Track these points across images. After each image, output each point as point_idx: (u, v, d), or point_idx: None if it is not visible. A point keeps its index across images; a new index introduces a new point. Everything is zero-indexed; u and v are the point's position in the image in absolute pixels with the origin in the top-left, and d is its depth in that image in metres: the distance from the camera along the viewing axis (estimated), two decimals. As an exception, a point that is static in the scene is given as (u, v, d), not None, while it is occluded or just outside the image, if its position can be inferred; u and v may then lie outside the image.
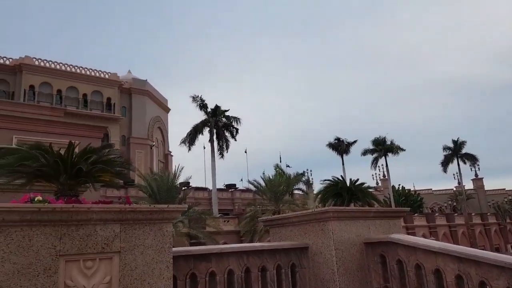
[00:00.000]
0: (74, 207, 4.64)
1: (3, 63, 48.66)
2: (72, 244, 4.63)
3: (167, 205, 5.35)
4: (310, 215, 7.52)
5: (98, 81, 53.94)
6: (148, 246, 5.12)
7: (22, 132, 25.74)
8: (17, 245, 4.36)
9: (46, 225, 4.53)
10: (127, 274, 4.88)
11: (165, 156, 62.38)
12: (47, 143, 6.14)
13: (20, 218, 4.36)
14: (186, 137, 35.16)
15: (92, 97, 53.13)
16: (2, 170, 5.41)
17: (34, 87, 49.25)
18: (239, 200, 51.21)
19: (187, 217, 20.65)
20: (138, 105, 57.15)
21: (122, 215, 4.97)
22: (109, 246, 4.84)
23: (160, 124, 61.68)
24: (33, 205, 4.43)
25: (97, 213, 4.78)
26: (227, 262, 6.52)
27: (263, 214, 26.06)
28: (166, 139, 63.54)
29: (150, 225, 5.21)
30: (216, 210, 33.53)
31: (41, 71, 50.03)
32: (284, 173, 30.76)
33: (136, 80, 59.00)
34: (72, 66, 52.89)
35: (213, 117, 34.90)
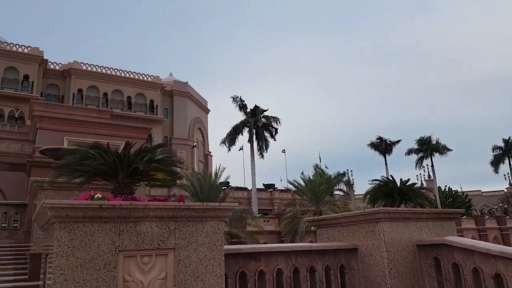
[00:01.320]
0: (132, 204, 4.79)
1: (54, 68, 51.41)
2: (130, 240, 4.79)
3: (218, 203, 5.42)
4: (360, 216, 7.36)
5: (142, 84, 55.74)
6: (201, 243, 5.20)
7: (72, 134, 27.14)
8: (79, 240, 4.56)
9: (106, 221, 4.71)
10: (182, 271, 4.98)
11: (205, 156, 63.44)
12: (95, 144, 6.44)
13: (83, 214, 4.56)
14: (226, 138, 35.57)
15: (136, 100, 54.97)
16: (63, 169, 5.70)
17: (82, 90, 51.66)
18: (278, 200, 51.14)
19: (228, 216, 20.94)
20: (179, 107, 58.50)
21: (176, 212, 5.08)
22: (165, 243, 4.96)
23: (200, 125, 62.82)
24: (94, 202, 4.62)
25: (153, 210, 4.92)
26: (276, 261, 6.51)
27: (303, 215, 25.85)
28: (206, 140, 64.62)
29: (202, 222, 5.30)
30: (256, 209, 33.66)
31: (89, 75, 52.40)
32: (324, 173, 30.35)
33: (177, 83, 60.41)
34: (117, 70, 55.00)
35: (252, 117, 35.09)
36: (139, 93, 55.29)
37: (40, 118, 27.24)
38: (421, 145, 49.37)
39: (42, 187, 8.53)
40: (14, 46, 48.11)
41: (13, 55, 46.97)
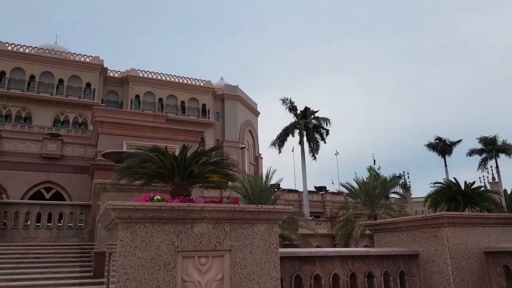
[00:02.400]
0: (189, 206, 4.89)
1: (113, 76, 54.43)
2: (188, 241, 4.89)
3: (273, 206, 5.39)
4: (421, 220, 7.00)
5: (194, 89, 57.45)
6: (256, 245, 5.20)
7: (131, 138, 28.50)
8: (141, 241, 4.72)
9: (166, 222, 4.85)
10: (238, 272, 5.00)
11: (255, 158, 63.95)
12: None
13: (144, 215, 4.73)
14: (276, 140, 35.56)
15: (189, 104, 56.73)
16: (125, 171, 5.98)
17: (139, 96, 54.20)
18: (330, 203, 50.26)
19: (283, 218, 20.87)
20: (230, 110, 59.52)
21: (231, 214, 5.12)
22: (221, 244, 5.02)
23: (250, 127, 63.47)
24: (154, 204, 4.78)
25: (209, 212, 4.99)
26: (332, 266, 6.35)
27: (357, 218, 25.17)
28: (256, 142, 65.15)
29: (257, 225, 5.29)
30: (307, 212, 33.30)
31: (145, 82, 54.89)
32: (379, 176, 29.35)
33: (228, 86, 61.50)
34: (171, 76, 57.12)
35: (302, 119, 34.78)
36: (192, 97, 56.99)
37: (101, 123, 28.90)
38: (485, 145, 46.21)
39: (105, 188, 9.01)
40: (77, 56, 51.54)
41: (76, 65, 50.34)
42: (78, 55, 51.64)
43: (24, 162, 27.57)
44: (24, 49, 48.65)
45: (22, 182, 26.33)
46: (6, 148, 27.66)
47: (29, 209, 14.38)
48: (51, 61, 48.87)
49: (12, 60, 46.94)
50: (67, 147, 29.48)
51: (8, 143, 28.01)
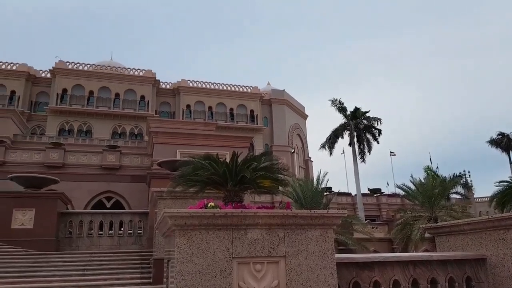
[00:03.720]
0: (242, 212, 4.90)
1: (165, 87, 56.63)
2: (242, 247, 4.90)
3: (327, 211, 5.27)
4: (487, 222, 6.52)
5: (242, 96, 58.31)
6: (311, 251, 5.10)
7: (184, 146, 29.41)
8: (197, 247, 4.80)
9: (220, 229, 4.89)
10: (293, 279, 4.93)
11: (305, 162, 63.39)
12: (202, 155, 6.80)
13: (199, 222, 4.80)
14: (326, 142, 34.99)
15: (238, 111, 57.61)
16: (180, 179, 6.14)
17: (190, 106, 55.91)
18: (385, 206, 48.50)
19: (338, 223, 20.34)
20: (278, 115, 59.62)
21: (285, 220, 5.06)
22: (275, 250, 4.98)
23: (299, 131, 63.09)
24: (208, 211, 4.84)
25: (262, 218, 4.97)
26: (392, 272, 6.08)
27: (415, 221, 24.00)
28: (305, 145, 64.61)
29: (311, 230, 5.19)
30: (362, 215, 32.36)
31: (195, 91, 56.57)
32: (438, 175, 27.84)
33: (275, 91, 61.68)
34: (220, 84, 58.41)
35: (352, 120, 33.97)
36: (240, 104, 57.81)
37: (156, 133, 30.12)
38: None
39: (161, 196, 9.32)
40: (131, 70, 54.22)
41: (131, 79, 53.00)
42: (132, 69, 54.34)
43: (86, 173, 29.34)
44: (83, 67, 52.00)
45: (85, 192, 28.00)
46: (70, 161, 29.61)
47: (92, 218, 15.25)
48: (108, 77, 51.83)
49: (72, 77, 50.36)
50: (125, 158, 30.99)
51: (72, 156, 29.97)
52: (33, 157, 28.95)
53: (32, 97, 50.45)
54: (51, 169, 27.97)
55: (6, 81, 48.76)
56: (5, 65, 49.84)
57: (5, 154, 28.13)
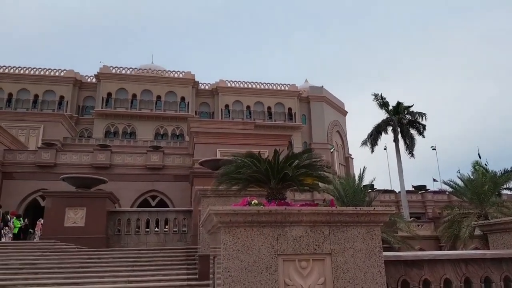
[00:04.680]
0: (286, 209, 4.91)
1: (204, 88, 57.67)
2: (287, 244, 4.90)
3: (373, 208, 5.17)
4: (546, 218, 6.13)
5: (280, 94, 58.24)
6: (357, 249, 5.02)
7: (223, 146, 29.85)
8: (242, 244, 4.86)
9: (264, 226, 4.92)
10: (340, 277, 4.87)
11: (345, 159, 62.33)
12: (242, 154, 6.86)
13: (244, 219, 4.85)
14: (367, 138, 34.16)
15: (276, 109, 57.61)
16: (223, 178, 6.24)
17: (229, 105, 56.60)
18: (431, 203, 46.74)
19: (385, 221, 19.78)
20: (316, 112, 59.01)
21: (329, 217, 5.01)
22: (320, 248, 4.94)
23: (338, 127, 62.12)
24: (253, 208, 4.88)
25: (307, 215, 4.95)
26: (442, 270, 5.86)
27: (464, 218, 22.96)
28: (345, 142, 63.52)
29: (357, 227, 5.11)
30: (406, 213, 31.35)
31: (233, 91, 57.21)
32: (487, 171, 26.44)
33: (313, 88, 61.08)
34: (257, 83, 58.65)
35: (395, 115, 32.93)
36: (278, 102, 57.78)
37: (196, 133, 30.78)
38: None
39: (205, 195, 9.51)
40: (172, 73, 55.69)
41: (171, 81, 54.47)
42: (172, 72, 55.82)
43: (132, 174, 30.48)
44: (126, 71, 54.00)
45: (131, 192, 29.09)
46: (116, 162, 30.86)
47: (139, 216, 15.83)
48: (150, 80, 53.56)
49: (116, 81, 52.46)
50: (167, 158, 31.90)
51: (118, 157, 31.23)
52: (82, 158, 30.43)
53: (79, 102, 53.02)
54: (98, 170, 29.28)
55: (55, 87, 51.57)
56: (54, 71, 52.66)
57: (56, 156, 29.75)
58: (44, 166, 29.06)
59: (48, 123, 37.33)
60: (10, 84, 50.46)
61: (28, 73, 51.79)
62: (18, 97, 50.55)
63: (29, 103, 50.46)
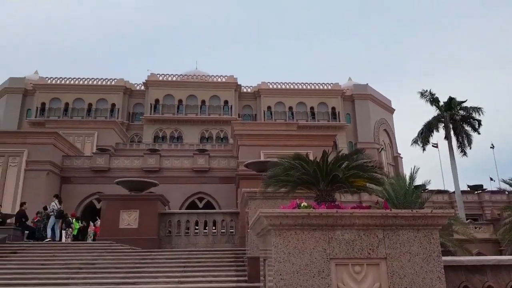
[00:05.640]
0: (338, 212, 4.80)
1: (246, 91, 58.20)
2: (339, 248, 4.79)
3: (430, 210, 4.94)
4: None
5: (322, 93, 57.43)
6: (414, 253, 4.81)
7: (267, 147, 29.91)
8: (293, 247, 4.81)
9: (315, 229, 4.84)
10: (396, 282, 4.69)
11: (394, 158, 60.21)
12: (286, 155, 6.78)
13: (294, 222, 4.81)
14: (418, 137, 32.76)
15: (319, 109, 56.88)
16: (271, 180, 6.24)
17: (271, 107, 56.67)
18: (489, 204, 43.92)
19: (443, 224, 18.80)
20: (361, 110, 57.59)
21: (383, 220, 4.84)
22: (375, 252, 4.78)
23: (385, 126, 60.20)
24: (303, 211, 4.83)
25: (359, 218, 4.81)
26: (508, 276, 5.49)
27: (527, 220, 21.41)
28: (393, 141, 61.39)
29: (413, 231, 4.90)
30: (462, 215, 29.72)
31: (275, 92, 57.23)
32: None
33: (357, 86, 59.68)
34: (299, 84, 58.28)
35: (447, 111, 31.37)
36: (321, 102, 57.05)
37: (240, 136, 31.10)
38: None
39: (252, 197, 9.55)
40: (215, 77, 56.76)
41: (215, 86, 55.55)
42: (216, 76, 56.89)
43: (180, 176, 31.35)
44: (172, 78, 55.76)
45: (179, 194, 29.89)
46: (165, 165, 31.90)
47: (188, 218, 16.22)
48: (194, 85, 54.97)
49: (163, 88, 54.33)
50: (213, 160, 32.51)
51: (166, 160, 32.26)
52: (133, 162, 31.74)
53: (129, 109, 55.44)
54: (149, 173, 30.40)
55: (107, 95, 54.30)
56: (106, 81, 55.50)
57: (109, 161, 31.24)
58: (98, 171, 30.61)
59: (102, 129, 39.30)
60: (67, 94, 53.77)
61: (82, 83, 54.94)
62: (74, 106, 53.70)
63: (84, 111, 53.45)
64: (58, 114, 52.61)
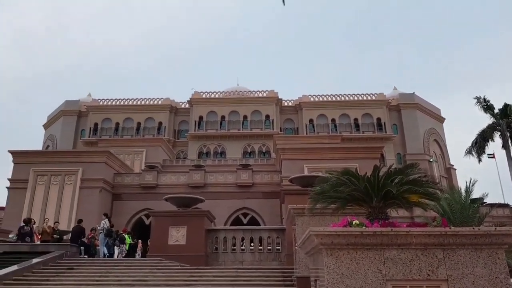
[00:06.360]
0: (393, 230, 4.59)
1: (287, 105, 58.20)
2: (396, 269, 4.56)
3: (494, 228, 4.59)
4: None
5: (366, 104, 56.11)
6: (478, 275, 4.48)
7: (310, 161, 29.52)
8: (346, 268, 4.64)
9: (369, 248, 4.65)
10: (460, 306, 4.37)
11: (446, 170, 57.27)
12: (330, 168, 6.57)
13: (346, 241, 4.65)
14: (472, 147, 30.95)
15: (363, 120, 55.57)
16: (320, 196, 6.09)
17: (313, 120, 56.17)
18: (557, 217, 40.53)
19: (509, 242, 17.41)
20: (408, 120, 55.61)
21: (443, 239, 4.57)
22: (435, 273, 4.51)
23: (435, 136, 57.60)
24: (355, 229, 4.66)
25: (416, 237, 4.57)
26: None
27: None
28: (445, 152, 58.51)
29: (476, 251, 4.58)
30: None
31: (316, 105, 56.74)
32: None
33: (403, 95, 57.84)
34: (341, 95, 57.40)
35: (503, 119, 29.46)
36: (365, 113, 55.79)
37: (283, 150, 30.95)
38: None
39: (299, 213, 9.39)
40: (256, 93, 57.38)
41: (256, 101, 56.11)
42: (256, 91, 57.52)
43: (224, 192, 31.61)
44: (215, 95, 57.07)
45: (224, 209, 30.07)
46: (209, 181, 32.33)
47: (234, 234, 16.26)
48: (236, 101, 55.88)
49: (206, 105, 55.70)
50: (256, 175, 32.54)
51: (211, 176, 32.71)
52: (179, 179, 32.48)
53: (175, 126, 57.25)
54: (194, 189, 30.94)
55: (154, 114, 56.52)
56: (153, 101, 57.89)
57: (157, 178, 32.18)
58: (147, 187, 31.60)
59: (150, 147, 40.70)
60: (117, 114, 56.55)
61: (131, 103, 57.61)
62: (124, 125, 56.29)
63: (133, 130, 55.88)
64: (109, 133, 55.36)
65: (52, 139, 57.49)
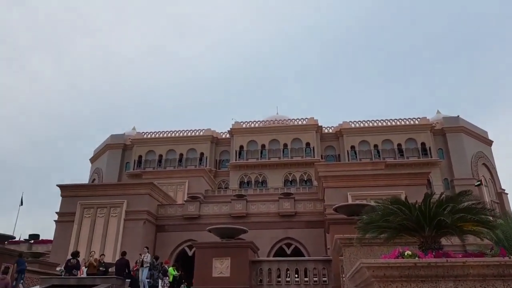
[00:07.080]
0: (448, 261, 4.44)
1: (328, 132, 57.84)
2: (454, 302, 4.38)
3: (560, 258, 4.32)
4: None
5: (410, 129, 54.65)
6: (547, 310, 4.20)
7: (354, 188, 28.84)
8: (401, 300, 4.50)
9: (424, 280, 4.51)
10: None
11: (498, 195, 53.98)
12: (375, 196, 6.44)
13: (399, 273, 4.54)
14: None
15: (406, 145, 54.02)
16: (369, 226, 6.00)
17: (354, 146, 55.29)
18: None
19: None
20: (454, 144, 53.43)
21: (502, 269, 4.36)
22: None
23: (484, 160, 54.79)
24: (409, 260, 4.55)
25: (474, 267, 4.39)
26: None
27: None
28: (495, 176, 55.33)
29: (542, 283, 4.31)
30: None
31: (358, 131, 55.99)
32: None
33: (447, 119, 55.94)
34: (383, 121, 56.38)
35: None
36: (408, 138, 54.35)
37: (325, 178, 30.48)
38: None
39: (346, 244, 9.20)
40: (296, 121, 57.58)
41: (296, 129, 56.26)
42: (296, 119, 57.76)
43: (266, 221, 31.33)
44: (255, 124, 57.88)
45: (266, 240, 29.72)
46: (251, 210, 32.24)
47: (279, 266, 15.97)
48: (276, 130, 56.32)
49: (247, 135, 56.51)
50: (298, 204, 32.11)
51: (252, 205, 32.64)
52: (221, 209, 32.70)
53: (216, 156, 58.31)
54: (236, 219, 30.97)
55: (196, 145, 58.07)
56: (194, 132, 59.59)
57: (200, 208, 32.57)
58: (190, 218, 32.00)
59: (192, 178, 41.51)
60: (160, 146, 58.60)
61: (174, 135, 59.57)
62: (167, 157, 58.09)
63: (176, 161, 57.48)
64: (153, 165, 57.23)
65: (98, 172, 60.16)
